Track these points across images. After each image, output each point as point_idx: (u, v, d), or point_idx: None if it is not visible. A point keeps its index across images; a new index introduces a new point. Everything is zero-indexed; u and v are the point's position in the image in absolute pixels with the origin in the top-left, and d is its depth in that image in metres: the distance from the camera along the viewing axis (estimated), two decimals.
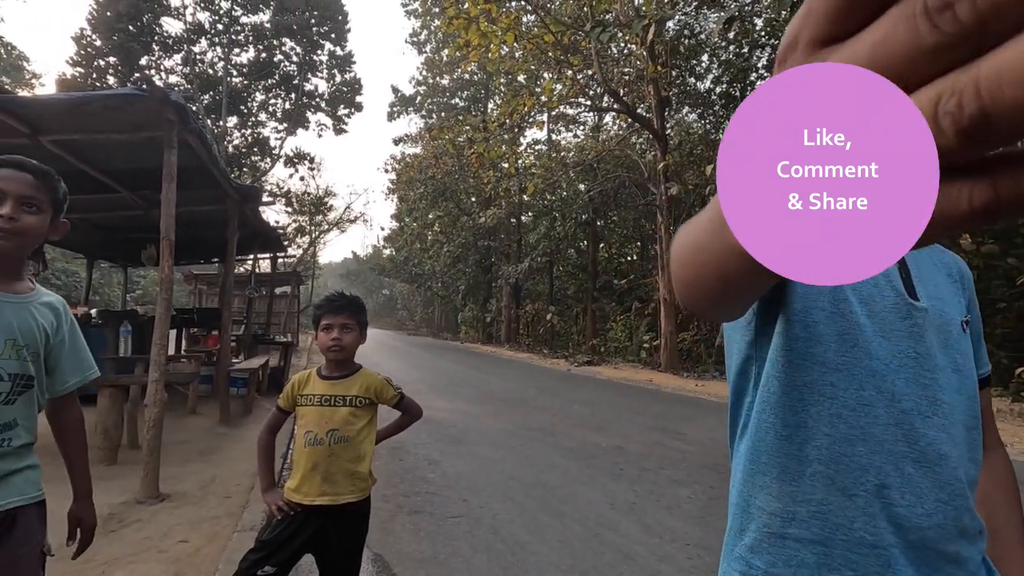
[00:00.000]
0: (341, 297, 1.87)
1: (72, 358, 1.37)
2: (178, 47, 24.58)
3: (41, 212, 1.26)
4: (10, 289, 1.26)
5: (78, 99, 3.56)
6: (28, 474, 1.27)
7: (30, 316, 1.27)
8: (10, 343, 1.22)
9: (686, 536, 3.17)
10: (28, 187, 1.23)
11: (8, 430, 1.21)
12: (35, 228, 1.24)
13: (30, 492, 1.26)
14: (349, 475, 1.75)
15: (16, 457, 1.23)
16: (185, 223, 7.01)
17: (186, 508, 3.48)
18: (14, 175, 1.23)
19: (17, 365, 1.23)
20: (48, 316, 1.32)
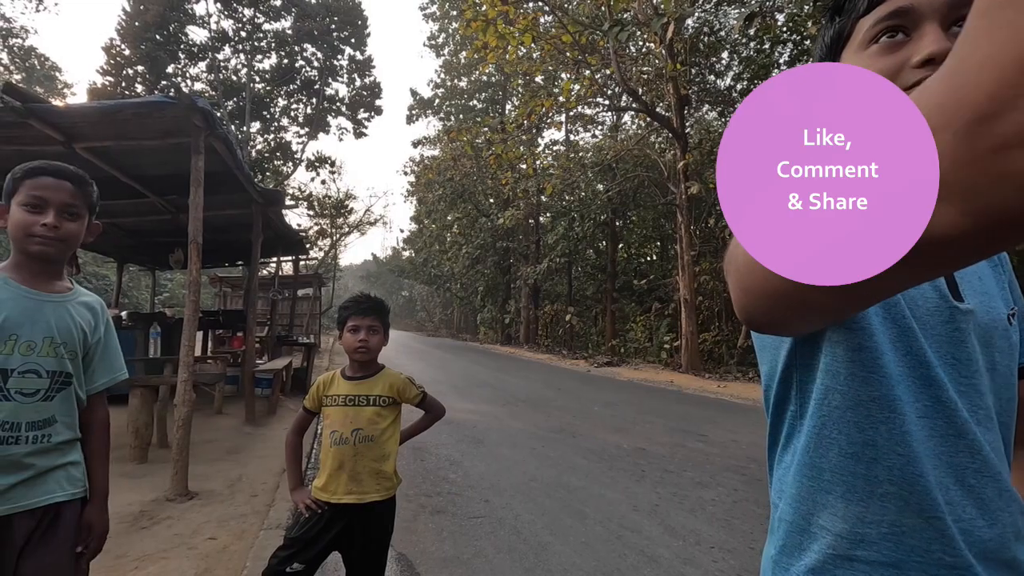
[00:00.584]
0: (368, 299, 1.89)
1: (104, 359, 1.40)
2: (203, 55, 25.13)
3: (80, 218, 1.31)
4: (49, 288, 1.30)
5: (110, 107, 3.66)
6: (70, 470, 1.28)
7: (67, 315, 1.30)
8: (48, 341, 1.25)
9: (710, 538, 3.14)
10: (68, 195, 1.27)
11: (47, 426, 1.24)
12: (75, 234, 1.30)
13: (71, 489, 1.28)
14: (374, 474, 1.78)
15: (57, 453, 1.25)
16: (211, 227, 7.17)
17: (214, 506, 3.55)
18: (55, 184, 1.27)
19: (55, 362, 1.26)
20: (86, 316, 1.35)
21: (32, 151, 4.11)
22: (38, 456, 1.21)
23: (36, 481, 1.21)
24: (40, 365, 1.23)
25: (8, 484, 1.17)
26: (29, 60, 31.52)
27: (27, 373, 1.21)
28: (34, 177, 1.26)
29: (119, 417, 5.02)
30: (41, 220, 1.23)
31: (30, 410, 1.21)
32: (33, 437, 1.21)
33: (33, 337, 1.23)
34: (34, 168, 1.28)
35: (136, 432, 4.43)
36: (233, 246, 8.94)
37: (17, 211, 1.25)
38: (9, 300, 1.22)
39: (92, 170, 4.76)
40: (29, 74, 31.38)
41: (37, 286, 1.27)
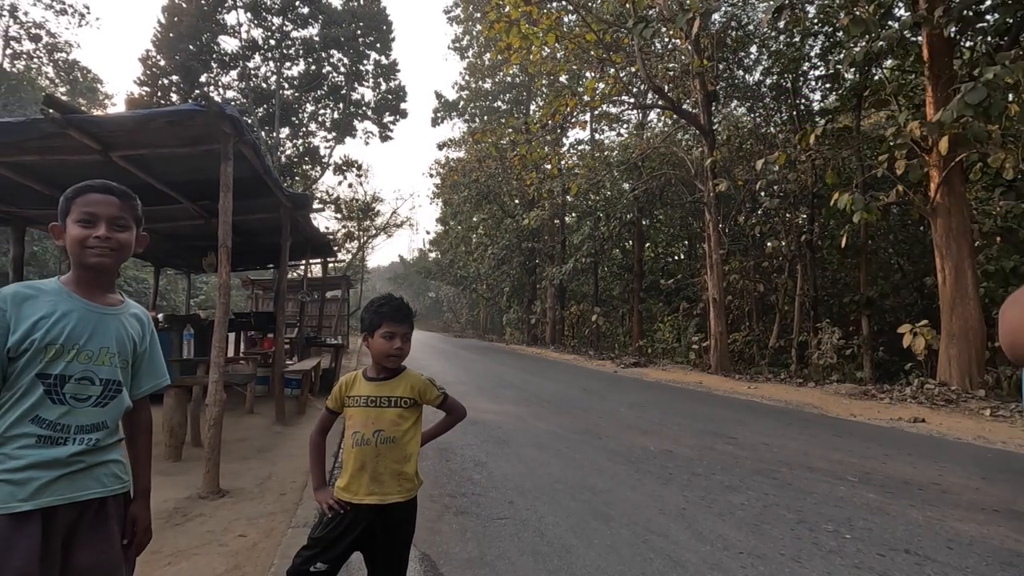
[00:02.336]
0: (404, 305, 1.88)
1: (150, 365, 1.49)
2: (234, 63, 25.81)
3: (128, 229, 1.40)
4: (106, 301, 1.39)
5: (144, 116, 3.78)
6: (112, 467, 1.35)
7: (121, 327, 1.39)
8: (104, 351, 1.33)
9: (739, 544, 3.06)
10: (116, 208, 1.37)
11: (96, 431, 1.31)
12: (126, 243, 1.39)
13: (113, 485, 1.35)
14: (396, 475, 1.78)
15: (103, 451, 1.33)
16: (242, 231, 7.36)
17: (244, 504, 3.63)
18: (103, 199, 1.36)
19: (109, 371, 1.33)
20: (136, 326, 1.44)
21: (72, 160, 4.28)
22: (84, 456, 1.28)
23: (79, 475, 1.27)
24: (95, 373, 1.30)
25: (52, 477, 1.23)
26: (72, 73, 32.88)
27: (83, 380, 1.28)
28: (84, 195, 1.35)
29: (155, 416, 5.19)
30: (94, 233, 1.32)
31: (81, 414, 1.28)
32: (80, 440, 1.27)
33: (92, 347, 1.30)
34: (83, 187, 1.37)
35: (171, 431, 4.56)
36: (263, 249, 9.15)
37: (72, 227, 1.34)
38: (74, 312, 1.30)
39: (128, 178, 4.92)
40: (73, 87, 32.74)
41: (96, 299, 1.36)
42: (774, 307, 16.56)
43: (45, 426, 1.24)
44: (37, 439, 1.23)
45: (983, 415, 7.60)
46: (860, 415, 7.80)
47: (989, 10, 10.01)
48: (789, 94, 15.06)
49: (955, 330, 9.25)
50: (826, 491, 4.08)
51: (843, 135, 13.46)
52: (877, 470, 4.72)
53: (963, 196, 9.75)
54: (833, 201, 10.13)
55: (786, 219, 16.07)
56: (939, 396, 8.69)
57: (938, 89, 9.53)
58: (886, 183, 11.71)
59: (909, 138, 9.36)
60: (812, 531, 3.27)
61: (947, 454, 5.48)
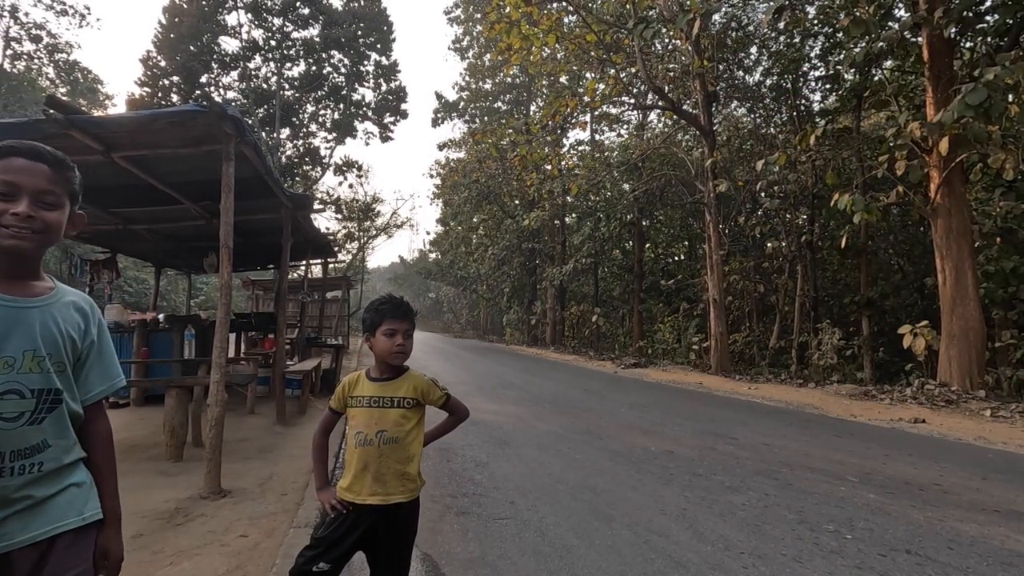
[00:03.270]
0: (403, 302, 1.88)
1: (99, 364, 1.21)
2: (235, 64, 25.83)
3: (59, 207, 1.12)
4: (27, 292, 1.10)
5: (146, 117, 3.79)
6: (73, 493, 1.11)
7: (51, 321, 1.11)
8: (29, 355, 1.06)
9: (740, 544, 3.06)
10: (44, 179, 1.09)
11: (37, 453, 1.06)
12: (54, 224, 1.11)
13: (74, 516, 1.10)
14: (398, 475, 1.79)
15: (53, 479, 1.08)
16: (243, 231, 7.36)
17: (246, 504, 3.64)
18: (28, 166, 1.08)
19: (40, 379, 1.07)
20: (74, 318, 1.16)
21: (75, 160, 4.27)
22: (30, 487, 1.04)
23: (33, 512, 1.04)
24: (23, 384, 1.04)
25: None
26: (73, 74, 32.93)
27: (7, 395, 1.03)
28: (3, 159, 1.07)
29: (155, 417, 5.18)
30: (12, 209, 1.04)
31: (15, 437, 1.03)
32: (20, 468, 1.03)
33: (11, 352, 1.04)
34: (3, 148, 1.08)
35: (172, 431, 4.56)
36: (264, 250, 9.16)
37: None
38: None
39: (130, 178, 4.93)
40: (73, 87, 32.79)
41: (11, 290, 1.08)
42: (774, 308, 16.56)
43: None
44: None
45: (983, 416, 7.60)
46: (860, 416, 7.80)
47: (989, 11, 10.02)
48: (789, 95, 15.07)
49: (955, 331, 9.26)
50: (827, 491, 4.08)
51: (843, 136, 13.48)
52: (878, 470, 4.73)
53: (963, 197, 9.75)
54: (833, 202, 10.13)
55: (786, 220, 16.08)
56: (939, 397, 8.69)
57: (938, 90, 9.54)
58: (886, 184, 11.72)
59: (909, 139, 9.36)
60: (813, 531, 3.28)
61: (948, 455, 5.48)
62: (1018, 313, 10.58)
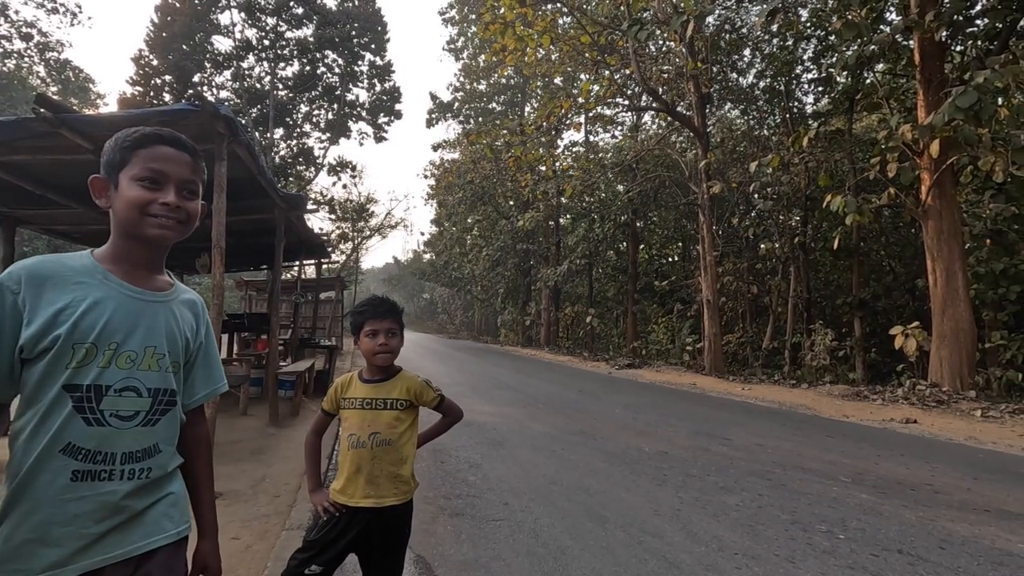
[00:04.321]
0: (383, 301, 1.86)
1: (205, 367, 1.17)
2: (228, 63, 25.70)
3: (197, 197, 1.11)
4: (153, 285, 1.07)
5: (136, 116, 3.76)
6: (170, 504, 1.06)
7: (172, 318, 1.08)
8: (150, 351, 1.02)
9: (734, 545, 3.07)
10: (188, 169, 1.08)
11: (148, 457, 1.00)
12: (194, 216, 1.09)
13: (173, 528, 1.05)
14: (392, 478, 1.77)
15: (155, 488, 1.03)
16: (235, 232, 7.32)
17: (238, 506, 3.61)
18: (176, 155, 1.06)
19: (158, 378, 1.02)
20: (189, 318, 1.13)
21: (65, 160, 4.24)
22: (134, 496, 0.98)
23: (131, 524, 0.98)
24: (141, 381, 1.00)
25: (99, 532, 0.94)
26: (64, 73, 32.64)
27: (125, 392, 0.98)
28: (151, 145, 1.04)
29: None
30: (161, 198, 1.02)
31: (127, 438, 0.97)
32: (130, 472, 0.97)
33: (135, 347, 1.00)
34: (149, 135, 1.06)
35: None
36: (257, 250, 9.11)
37: (130, 186, 1.02)
38: (110, 300, 0.99)
39: None
40: (64, 86, 32.50)
41: (140, 282, 1.04)
42: (768, 309, 16.64)
43: (81, 457, 0.93)
44: (73, 475, 0.92)
45: (974, 416, 7.66)
46: (853, 416, 7.85)
47: (979, 15, 10.12)
48: (782, 97, 15.16)
49: (946, 331, 9.33)
50: (820, 492, 4.10)
51: (836, 138, 13.57)
52: (870, 471, 4.75)
53: (954, 199, 9.84)
54: (826, 203, 10.19)
55: (779, 221, 16.17)
56: (930, 397, 8.76)
57: (929, 93, 9.62)
58: (878, 185, 11.80)
59: (901, 141, 9.43)
60: (806, 532, 3.29)
61: (939, 455, 5.52)
62: (1008, 314, 10.67)
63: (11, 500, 0.92)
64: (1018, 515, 3.67)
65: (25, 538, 0.90)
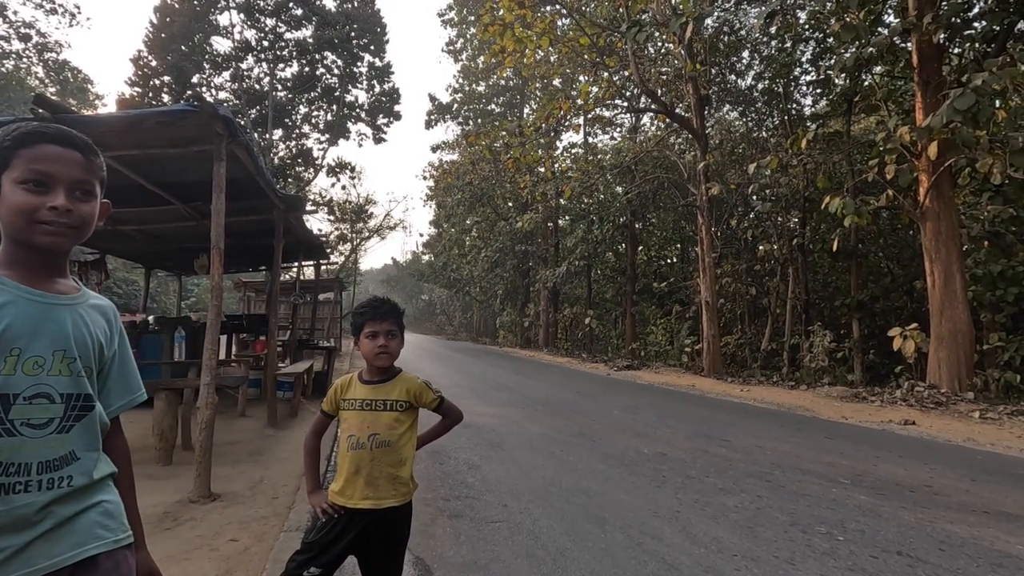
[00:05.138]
0: (383, 302, 1.86)
1: (120, 376, 1.11)
2: (227, 64, 25.67)
3: (93, 197, 1.03)
4: (56, 288, 1.01)
5: (135, 116, 3.75)
6: (104, 511, 1.01)
7: (81, 322, 1.02)
8: (60, 355, 0.96)
9: (733, 546, 3.06)
10: (79, 168, 1.00)
11: (65, 465, 0.95)
12: (90, 217, 1.02)
13: (109, 535, 1.00)
14: (391, 479, 1.77)
15: (81, 496, 0.98)
16: (234, 232, 7.29)
17: (236, 508, 3.60)
18: (63, 154, 0.98)
19: (70, 383, 0.97)
20: (100, 323, 1.07)
21: None
22: (57, 505, 0.93)
23: (58, 533, 0.93)
24: (52, 387, 0.95)
25: (22, 543, 0.89)
26: (63, 73, 32.60)
27: (36, 398, 0.93)
28: (32, 146, 0.96)
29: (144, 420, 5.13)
30: (48, 202, 0.95)
31: (42, 446, 0.92)
32: (48, 482, 0.92)
33: (41, 351, 0.94)
34: (30, 133, 0.97)
35: (161, 434, 4.51)
36: (255, 251, 9.10)
37: (13, 191, 0.95)
38: (9, 304, 0.93)
39: (119, 178, 4.88)
40: (63, 87, 32.46)
41: (41, 285, 0.99)
42: (766, 310, 16.66)
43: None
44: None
45: (972, 417, 7.67)
46: (851, 417, 7.85)
47: (977, 17, 10.15)
48: (781, 99, 15.19)
49: (944, 333, 9.34)
50: (819, 493, 4.10)
51: (834, 140, 13.60)
52: (869, 472, 4.75)
53: (952, 200, 9.86)
54: (824, 205, 10.21)
55: (778, 223, 16.19)
56: (929, 398, 8.77)
57: (927, 95, 9.64)
58: (876, 187, 11.82)
59: (899, 143, 9.46)
60: (805, 533, 3.29)
61: (937, 456, 5.52)
62: (1006, 316, 10.69)
63: None
64: (1017, 516, 3.68)
65: None
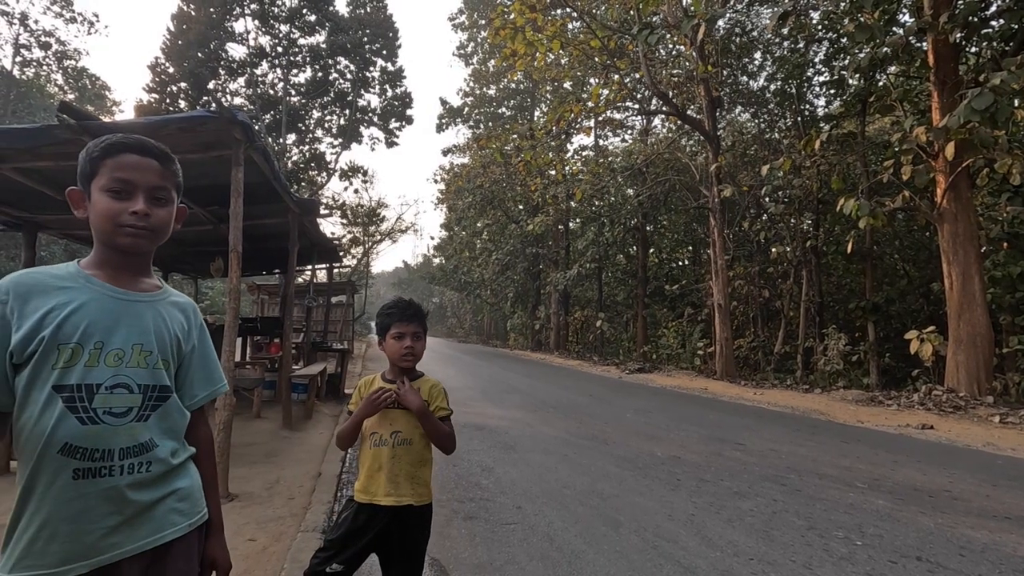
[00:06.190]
0: (411, 305, 1.88)
1: (202, 369, 1.19)
2: (242, 70, 26.00)
3: (170, 202, 1.12)
4: (137, 287, 1.10)
5: (156, 122, 3.82)
6: (180, 497, 1.09)
7: (159, 318, 1.10)
8: (137, 348, 1.04)
9: (749, 550, 3.05)
10: (156, 175, 1.08)
11: (145, 452, 1.02)
12: (166, 221, 1.11)
13: (183, 520, 1.08)
14: (411, 478, 1.79)
15: (160, 483, 1.05)
16: (250, 236, 7.39)
17: (253, 508, 3.64)
18: (141, 162, 1.07)
19: (147, 375, 1.05)
20: (179, 319, 1.15)
21: None
22: (138, 490, 1.01)
23: (140, 519, 1.01)
24: (131, 378, 1.02)
25: (107, 527, 0.97)
26: (81, 80, 33.21)
27: (116, 388, 1.00)
28: (116, 155, 1.05)
29: None
30: (130, 207, 1.04)
31: (123, 434, 0.99)
32: (129, 467, 1.00)
33: (121, 344, 1.02)
34: (115, 144, 1.06)
35: None
36: (270, 255, 9.19)
37: (100, 198, 1.04)
38: (93, 301, 1.02)
39: None
40: (81, 93, 33.06)
41: (124, 284, 1.08)
42: (779, 313, 16.51)
43: (80, 455, 0.95)
44: (74, 474, 0.95)
45: (992, 422, 7.54)
46: (867, 421, 7.76)
47: (995, 16, 10.01)
48: (793, 100, 15.08)
49: (963, 336, 9.21)
50: (836, 497, 4.06)
51: (848, 140, 13.46)
52: (886, 476, 4.70)
53: (970, 201, 9.72)
54: (839, 206, 10.11)
55: (791, 225, 16.06)
56: (947, 402, 8.64)
57: (944, 95, 9.53)
58: (892, 188, 11.69)
59: (915, 143, 9.35)
60: (823, 537, 3.26)
61: (956, 461, 5.44)
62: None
63: (21, 500, 0.96)
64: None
65: (36, 536, 0.94)
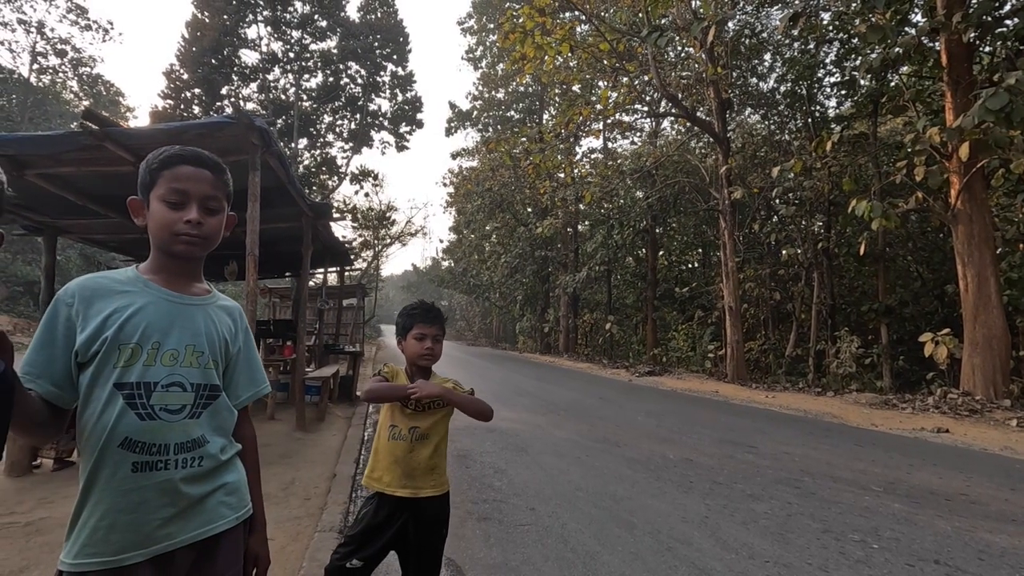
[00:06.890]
0: (432, 307, 1.94)
1: (246, 370, 1.26)
2: (254, 76, 26.30)
3: (221, 211, 1.18)
4: (190, 291, 1.18)
5: (176, 128, 3.90)
6: (228, 491, 1.15)
7: (210, 320, 1.18)
8: (190, 349, 1.11)
9: (765, 553, 3.04)
10: (209, 185, 1.15)
11: (197, 447, 1.09)
12: (217, 229, 1.17)
13: (227, 515, 1.14)
14: (428, 471, 1.83)
15: (210, 477, 1.12)
16: (262, 240, 7.49)
17: (270, 508, 3.66)
18: (195, 173, 1.14)
19: (199, 374, 1.11)
20: (226, 322, 1.22)
21: (107, 171, 4.41)
22: (190, 483, 1.07)
23: (191, 512, 1.08)
24: (184, 377, 1.09)
25: (162, 518, 1.04)
26: (96, 87, 33.74)
27: (171, 387, 1.07)
28: (172, 167, 1.13)
29: None
30: (184, 216, 1.11)
31: (177, 430, 1.06)
32: (182, 461, 1.06)
33: (176, 345, 1.09)
34: (172, 156, 1.14)
35: None
36: (282, 258, 9.29)
37: (157, 207, 1.11)
38: (151, 305, 1.09)
39: None
40: (96, 100, 33.59)
41: (179, 288, 1.15)
42: (790, 315, 16.40)
43: (139, 449, 1.02)
44: (133, 467, 1.01)
45: (1009, 425, 7.45)
46: (882, 424, 7.69)
47: (1009, 15, 9.92)
48: (804, 101, 15.00)
49: (978, 339, 9.10)
50: (851, 501, 4.04)
51: (860, 142, 13.38)
52: (902, 480, 4.66)
53: (985, 202, 9.62)
54: (850, 208, 10.05)
55: (802, 226, 15.95)
56: (963, 406, 8.54)
57: (957, 95, 9.45)
58: (904, 190, 11.59)
59: (928, 144, 9.28)
60: (838, 540, 3.25)
61: (973, 465, 5.39)
62: None
63: (84, 492, 1.03)
64: None
65: (97, 525, 1.00)
